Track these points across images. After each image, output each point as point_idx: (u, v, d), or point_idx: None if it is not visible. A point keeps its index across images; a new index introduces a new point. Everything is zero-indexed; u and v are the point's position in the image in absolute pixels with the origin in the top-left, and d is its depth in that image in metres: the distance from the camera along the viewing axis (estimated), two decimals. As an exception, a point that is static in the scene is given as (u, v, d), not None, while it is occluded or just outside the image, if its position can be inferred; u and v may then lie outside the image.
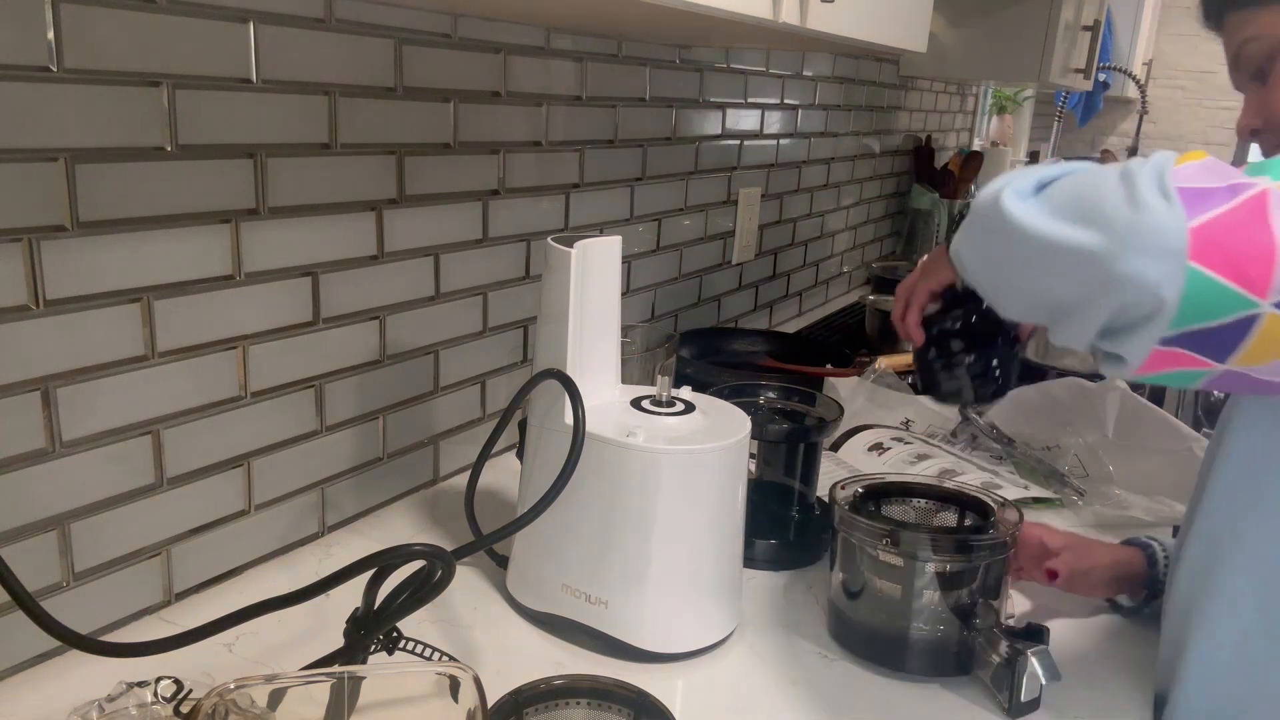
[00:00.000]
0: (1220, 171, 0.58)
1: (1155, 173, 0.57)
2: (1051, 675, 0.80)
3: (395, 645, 0.73)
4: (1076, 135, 5.70)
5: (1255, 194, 0.56)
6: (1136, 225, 0.56)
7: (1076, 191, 0.61)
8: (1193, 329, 0.56)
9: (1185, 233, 0.55)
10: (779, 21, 0.93)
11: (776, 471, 1.08)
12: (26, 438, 0.75)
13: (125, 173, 0.77)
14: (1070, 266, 0.60)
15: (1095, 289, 0.58)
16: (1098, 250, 0.57)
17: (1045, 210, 0.62)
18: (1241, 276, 0.55)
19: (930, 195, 2.68)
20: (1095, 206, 0.59)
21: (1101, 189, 0.59)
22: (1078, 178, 0.63)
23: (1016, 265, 0.65)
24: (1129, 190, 0.57)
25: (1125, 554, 0.95)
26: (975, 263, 0.71)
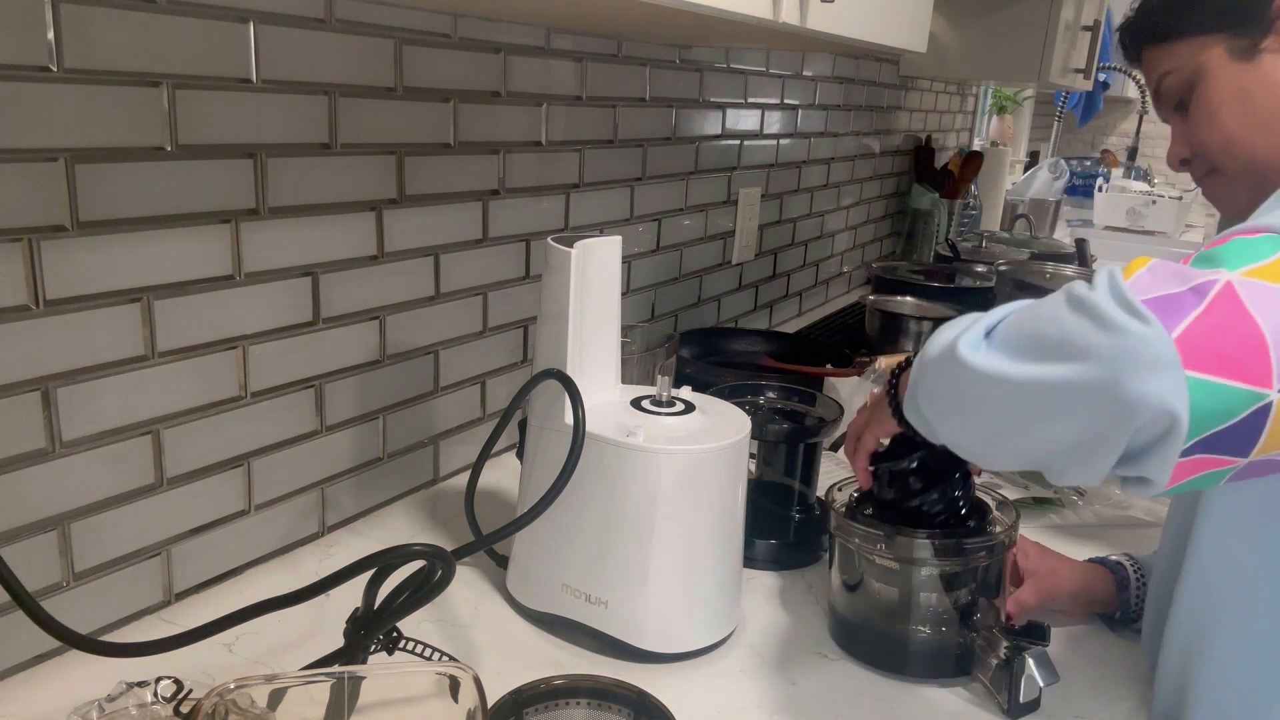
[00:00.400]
0: (1173, 274, 0.57)
1: (1110, 292, 0.56)
2: (1050, 676, 0.80)
3: (395, 645, 0.73)
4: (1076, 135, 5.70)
5: (1221, 289, 0.55)
6: (1121, 347, 0.54)
7: (1032, 330, 0.59)
8: (1209, 433, 0.55)
9: (1171, 343, 0.54)
10: (779, 21, 0.93)
11: (776, 471, 1.08)
12: (26, 438, 0.75)
13: (125, 173, 0.77)
14: (1069, 406, 0.57)
15: (1105, 422, 0.56)
16: (1094, 381, 0.55)
17: (1006, 354, 0.59)
18: (1242, 373, 0.54)
19: (930, 195, 2.67)
20: (1064, 340, 0.56)
21: (1060, 322, 0.57)
22: (1022, 316, 0.61)
23: (1000, 419, 0.61)
24: (1092, 315, 0.56)
25: (1092, 578, 0.95)
26: (945, 426, 0.67)
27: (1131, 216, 3.66)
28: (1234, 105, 0.79)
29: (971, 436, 0.65)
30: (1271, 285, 0.55)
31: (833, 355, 1.60)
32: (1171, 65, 0.82)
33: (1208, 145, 0.81)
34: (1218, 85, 0.79)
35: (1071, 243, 2.56)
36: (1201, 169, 0.85)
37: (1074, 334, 0.56)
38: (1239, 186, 0.81)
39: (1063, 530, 1.15)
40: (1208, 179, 0.85)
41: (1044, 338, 0.58)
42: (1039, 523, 1.16)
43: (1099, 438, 0.57)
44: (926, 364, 0.66)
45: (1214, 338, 0.54)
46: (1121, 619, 0.94)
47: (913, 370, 0.70)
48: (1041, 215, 3.32)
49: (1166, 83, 0.83)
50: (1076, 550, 1.01)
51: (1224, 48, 0.79)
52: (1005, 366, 0.59)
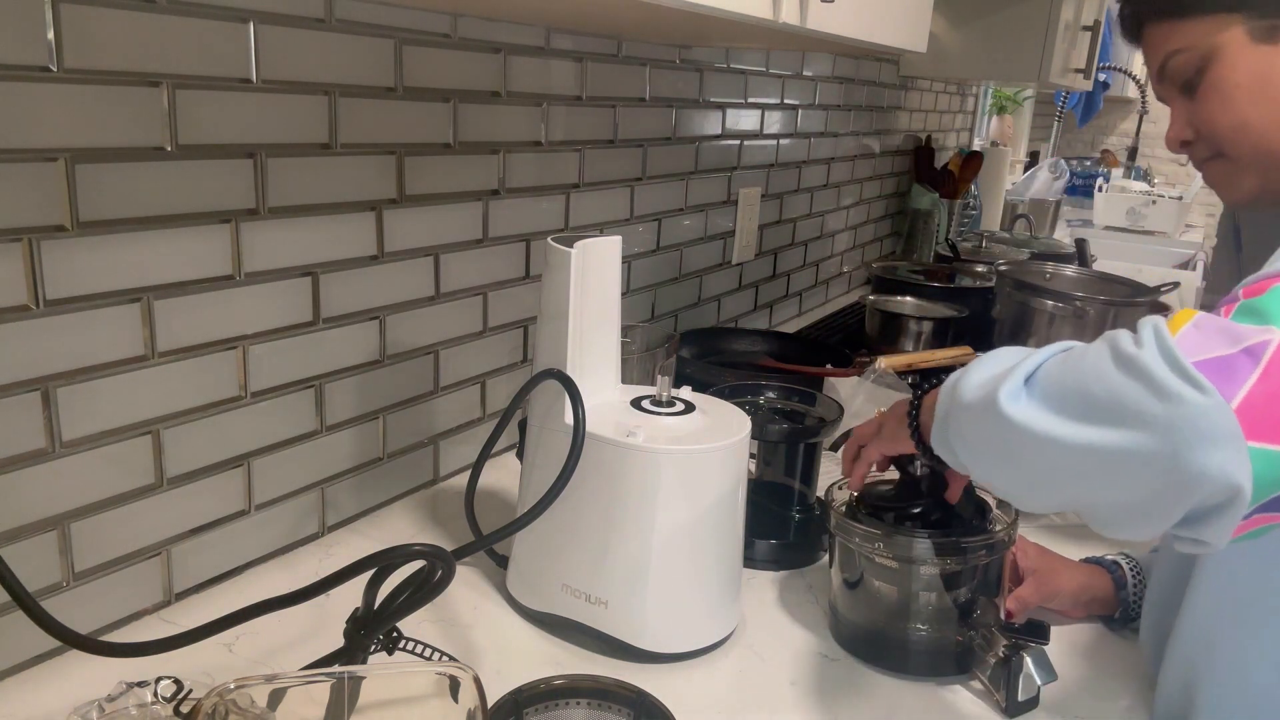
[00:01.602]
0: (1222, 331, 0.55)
1: (1160, 353, 0.53)
2: (1047, 675, 0.80)
3: (395, 645, 0.73)
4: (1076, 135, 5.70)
5: (1276, 351, 0.53)
6: (1181, 419, 0.52)
7: (1078, 385, 0.57)
8: (1271, 498, 0.54)
9: (1233, 416, 0.52)
10: (779, 21, 0.92)
11: (776, 471, 1.08)
12: (26, 438, 0.75)
13: (125, 173, 0.77)
14: (1125, 474, 0.55)
15: (1164, 492, 0.54)
16: (1152, 452, 0.53)
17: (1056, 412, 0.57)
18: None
19: (930, 195, 2.67)
20: (1114, 402, 0.54)
21: (1108, 380, 0.55)
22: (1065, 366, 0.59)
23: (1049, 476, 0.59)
24: (1144, 380, 0.53)
25: (1091, 578, 0.94)
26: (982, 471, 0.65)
27: (1131, 216, 3.66)
28: (1251, 89, 0.76)
29: (1012, 485, 0.64)
30: None
31: (833, 355, 1.60)
32: (1182, 44, 0.79)
33: (1218, 128, 0.79)
34: (1235, 67, 0.77)
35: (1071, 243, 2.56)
36: (1205, 152, 0.82)
37: (1127, 398, 0.54)
38: (1246, 173, 0.79)
39: (1062, 530, 1.15)
40: (1211, 163, 0.82)
41: (1092, 397, 0.56)
42: (1038, 522, 1.16)
43: (1155, 505, 0.55)
44: (962, 406, 0.64)
45: (1275, 405, 0.52)
46: (1120, 618, 0.94)
47: (941, 403, 0.68)
48: (1041, 215, 3.32)
49: (1175, 62, 0.80)
50: (1076, 550, 1.01)
51: (1244, 28, 0.76)
52: (1052, 425, 0.57)
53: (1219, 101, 0.78)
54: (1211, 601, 0.76)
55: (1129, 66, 3.95)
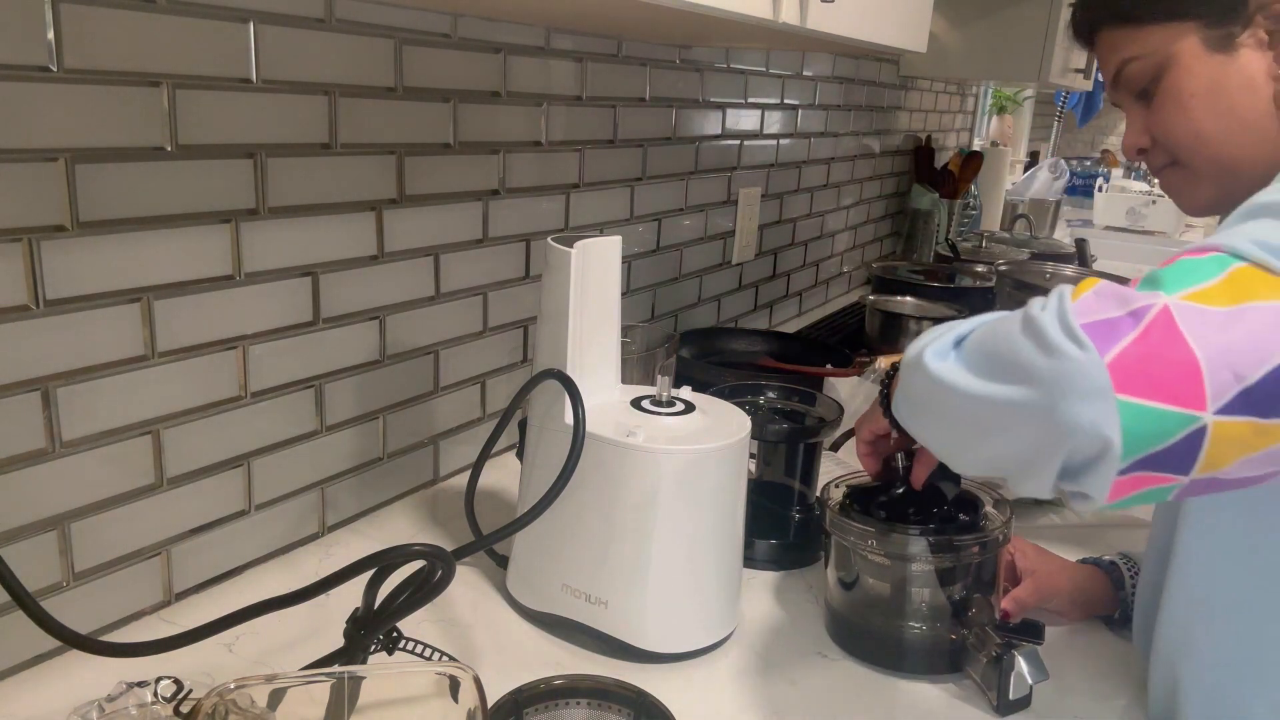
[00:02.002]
0: (1116, 297, 0.57)
1: (1055, 314, 0.57)
2: (1039, 675, 0.80)
3: (395, 645, 0.73)
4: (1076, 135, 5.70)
5: (1158, 313, 0.55)
6: (1058, 372, 0.56)
7: (990, 345, 0.61)
8: (1145, 455, 0.56)
9: (1104, 369, 0.54)
10: (779, 21, 0.93)
11: (776, 471, 1.08)
12: (26, 438, 0.75)
13: (125, 173, 0.77)
14: (1011, 424, 0.59)
15: (1041, 442, 0.58)
16: (1031, 404, 0.57)
17: (966, 367, 0.62)
18: (1174, 396, 0.54)
19: (930, 195, 2.67)
20: (1012, 360, 0.58)
21: (1012, 340, 0.59)
22: (987, 329, 0.62)
23: (957, 428, 0.64)
24: (1037, 338, 0.57)
25: (1088, 579, 0.94)
26: (914, 427, 0.70)
27: (1131, 216, 3.66)
28: (1206, 98, 0.76)
29: (936, 440, 0.68)
30: (1209, 309, 0.55)
31: (833, 355, 1.60)
32: (1137, 51, 0.78)
33: (1174, 137, 0.78)
34: (1190, 76, 0.76)
35: (1071, 243, 2.56)
36: (1161, 159, 0.82)
37: (1020, 355, 0.58)
38: (1202, 182, 0.79)
39: (1061, 530, 1.15)
40: (1167, 170, 0.82)
41: (996, 355, 0.60)
42: (1037, 522, 1.16)
43: (1036, 456, 0.58)
44: (903, 365, 0.69)
45: (1147, 363, 0.54)
46: (1119, 618, 0.94)
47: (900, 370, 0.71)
48: (1041, 215, 3.32)
49: (1130, 69, 0.79)
50: (1075, 550, 1.01)
51: (1198, 37, 0.75)
52: (959, 379, 0.61)
53: (1174, 110, 0.77)
54: (1185, 603, 0.76)
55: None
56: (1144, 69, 0.78)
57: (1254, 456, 0.56)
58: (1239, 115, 0.75)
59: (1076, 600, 0.93)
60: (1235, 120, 0.75)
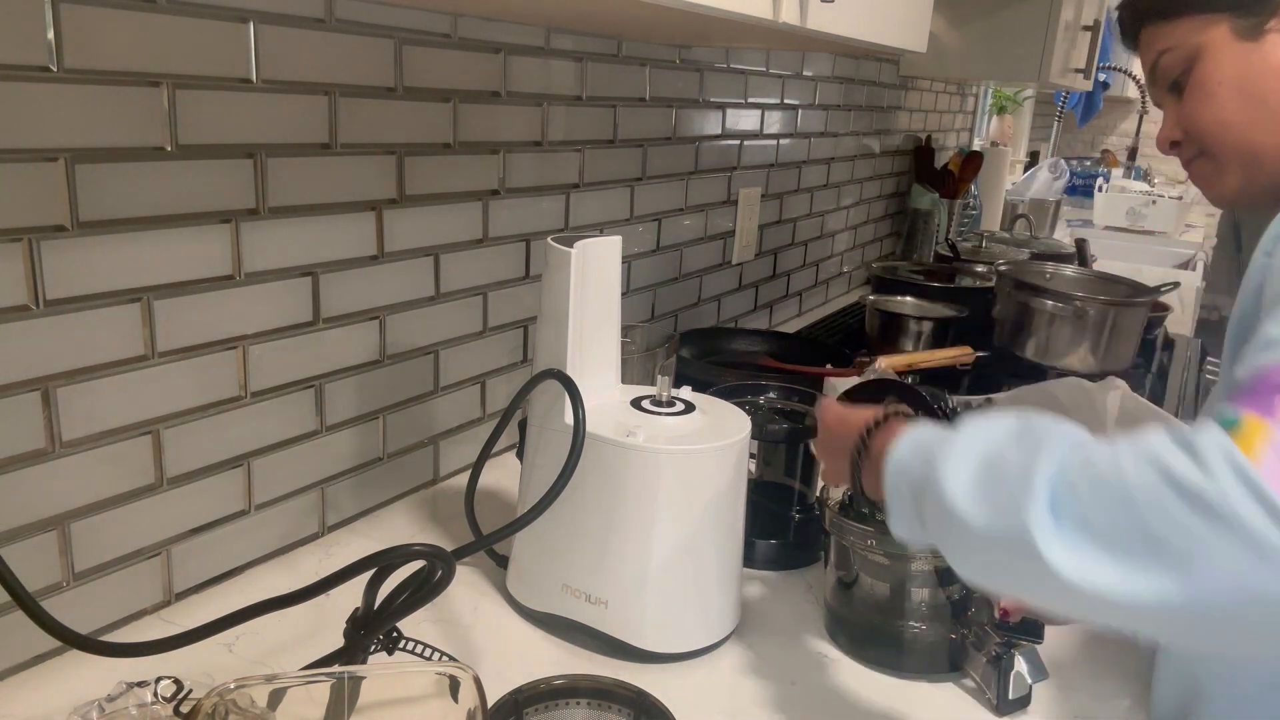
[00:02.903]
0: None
1: (1244, 487, 0.46)
2: (1039, 674, 0.80)
3: (395, 645, 0.73)
4: (1076, 135, 5.70)
5: None
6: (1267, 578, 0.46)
7: (1129, 522, 0.49)
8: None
9: None
10: (779, 21, 0.93)
11: (776, 471, 1.08)
12: (26, 438, 0.75)
13: (125, 173, 0.77)
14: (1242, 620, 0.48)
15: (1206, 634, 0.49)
16: (1242, 604, 0.47)
17: (1107, 553, 0.49)
18: None
19: (930, 195, 2.67)
20: (1188, 552, 0.47)
21: (1171, 517, 0.47)
22: (1101, 487, 0.50)
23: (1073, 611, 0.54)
24: (1227, 523, 0.46)
25: None
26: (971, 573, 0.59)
27: (1131, 216, 3.66)
28: (1233, 86, 0.77)
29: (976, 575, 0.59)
30: None
31: (833, 355, 1.60)
32: (1170, 43, 0.81)
33: (1201, 125, 0.80)
34: (1218, 64, 0.78)
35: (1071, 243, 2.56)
36: (1191, 151, 0.83)
37: (1203, 548, 0.46)
38: (1229, 170, 0.80)
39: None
40: (1196, 162, 0.83)
41: (1154, 540, 0.48)
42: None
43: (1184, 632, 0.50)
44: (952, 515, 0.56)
45: None
46: None
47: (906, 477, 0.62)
48: (1041, 215, 3.32)
49: (1164, 61, 0.82)
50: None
51: (1228, 27, 0.78)
52: (1107, 578, 0.49)
53: (1203, 98, 0.79)
54: None
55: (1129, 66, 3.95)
56: (1176, 60, 0.80)
57: None
58: (1266, 103, 0.77)
59: None
60: (1262, 108, 0.77)
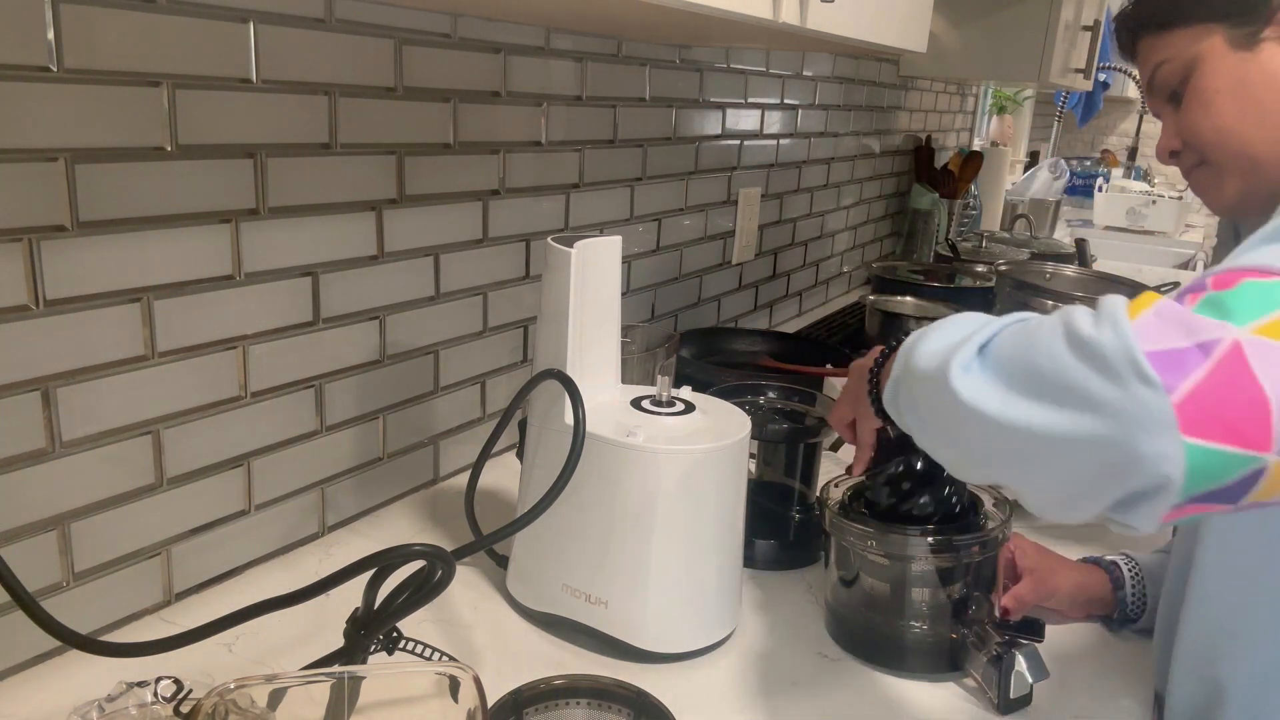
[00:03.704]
0: (1180, 323, 0.53)
1: (1115, 337, 0.53)
2: (1039, 674, 0.80)
3: (395, 645, 0.73)
4: (1076, 135, 5.70)
5: (1228, 349, 0.52)
6: (1125, 406, 0.52)
7: (1029, 362, 0.56)
8: (1202, 491, 0.53)
9: (1172, 410, 0.51)
10: (779, 21, 0.92)
11: (776, 471, 1.08)
12: (26, 438, 0.75)
13: (125, 173, 0.77)
14: (1067, 456, 0.54)
15: (1100, 476, 0.54)
16: (1095, 437, 0.53)
17: (1000, 385, 0.57)
18: (1240, 438, 0.52)
19: (930, 195, 2.67)
20: (1063, 384, 0.54)
21: (1059, 360, 0.54)
22: (1018, 340, 0.58)
23: (987, 455, 0.59)
24: (1096, 362, 0.53)
25: (1088, 577, 0.94)
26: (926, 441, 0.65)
27: (1131, 216, 3.66)
28: (1229, 94, 0.78)
29: (952, 458, 0.63)
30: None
31: (833, 355, 1.60)
32: (1168, 54, 0.82)
33: (1200, 134, 0.81)
34: (1214, 73, 0.79)
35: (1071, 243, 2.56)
36: (1190, 160, 0.84)
37: (1076, 381, 0.53)
38: (1228, 178, 0.81)
39: (1062, 530, 1.15)
40: (1196, 171, 0.84)
41: (1042, 376, 0.55)
42: (1037, 522, 1.16)
43: (1089, 490, 0.55)
44: (915, 373, 0.63)
45: (1218, 403, 0.51)
46: (1118, 619, 0.94)
47: (896, 364, 0.67)
48: (1041, 215, 3.32)
49: (1161, 72, 0.83)
50: (1075, 550, 1.02)
51: (1223, 36, 0.78)
52: (999, 404, 0.56)
53: (1200, 108, 0.80)
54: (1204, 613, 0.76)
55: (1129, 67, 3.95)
56: (1173, 71, 0.81)
57: None
58: (1262, 110, 0.77)
59: (1077, 599, 0.93)
60: (1258, 115, 0.77)
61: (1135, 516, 0.55)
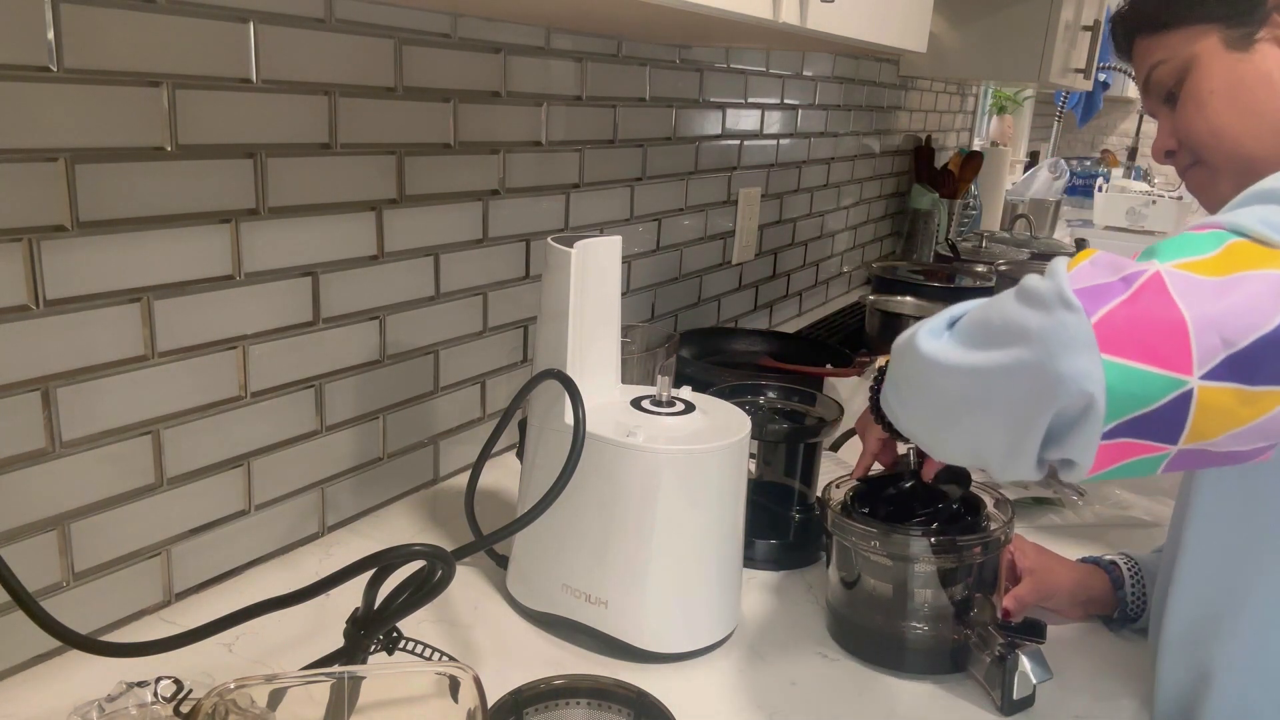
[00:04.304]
0: (1111, 265, 0.58)
1: (1051, 281, 0.57)
2: (1043, 674, 0.80)
3: (395, 645, 0.73)
4: (1076, 135, 5.70)
5: (1149, 278, 0.56)
6: (1046, 328, 0.56)
7: (983, 317, 0.61)
8: (1130, 417, 0.56)
9: (1089, 327, 0.55)
10: (779, 21, 0.93)
11: (776, 471, 1.08)
12: (26, 438, 0.75)
13: (125, 173, 0.77)
14: (996, 389, 0.59)
15: (1027, 400, 0.57)
16: (1020, 361, 0.57)
17: (958, 343, 0.62)
18: (1159, 358, 0.54)
19: (930, 195, 2.68)
20: (1003, 326, 0.59)
21: (1005, 310, 0.59)
22: (983, 305, 0.63)
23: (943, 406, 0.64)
24: (1030, 303, 0.58)
25: (1088, 577, 0.94)
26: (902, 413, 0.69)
27: (1131, 216, 3.66)
28: (1224, 95, 0.79)
29: (920, 424, 0.68)
30: (1201, 278, 0.55)
31: (833, 355, 1.60)
32: (1163, 55, 0.82)
33: (1194, 135, 0.81)
34: (1209, 74, 0.79)
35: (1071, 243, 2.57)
36: (1186, 160, 0.84)
37: (1013, 320, 0.58)
38: (1222, 178, 0.81)
39: (1062, 530, 1.15)
40: (1191, 171, 0.84)
41: (988, 325, 0.60)
42: (1038, 522, 1.16)
43: (1023, 419, 0.58)
44: (895, 355, 0.69)
45: (1133, 323, 0.55)
46: (1119, 619, 0.94)
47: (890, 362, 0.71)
48: (1041, 215, 3.32)
49: (1157, 73, 0.83)
50: (1075, 550, 1.01)
51: (1218, 37, 0.79)
52: (951, 354, 0.62)
53: (1195, 108, 0.80)
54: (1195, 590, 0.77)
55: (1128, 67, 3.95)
56: (1169, 72, 0.82)
57: (1241, 430, 0.55)
58: (1257, 111, 0.78)
59: (1077, 599, 0.93)
60: (1253, 116, 0.78)
61: (1070, 447, 0.58)
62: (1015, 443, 0.59)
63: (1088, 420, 0.56)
